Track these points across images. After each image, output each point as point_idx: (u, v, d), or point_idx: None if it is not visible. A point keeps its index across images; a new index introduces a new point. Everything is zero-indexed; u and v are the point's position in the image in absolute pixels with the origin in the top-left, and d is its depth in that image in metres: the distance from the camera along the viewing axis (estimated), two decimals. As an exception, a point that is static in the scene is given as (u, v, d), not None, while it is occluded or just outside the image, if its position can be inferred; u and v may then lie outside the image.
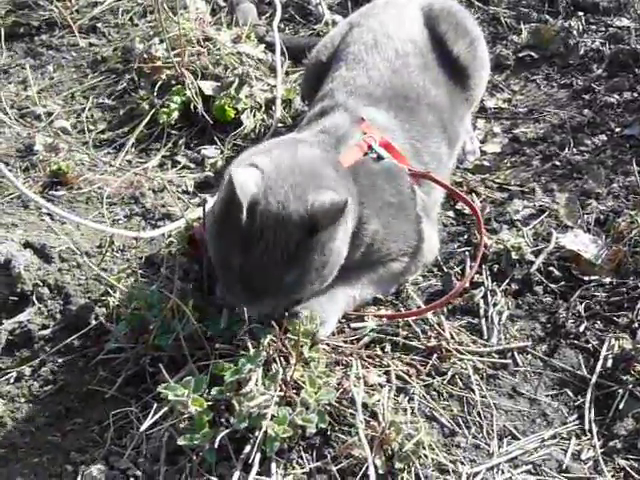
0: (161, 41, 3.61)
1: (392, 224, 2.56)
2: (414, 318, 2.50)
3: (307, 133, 2.64)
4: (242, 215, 2.19)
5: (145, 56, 3.63)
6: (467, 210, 2.88)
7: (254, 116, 3.40)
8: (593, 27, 3.69)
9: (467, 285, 2.61)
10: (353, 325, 2.46)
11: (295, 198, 2.23)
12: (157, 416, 2.11)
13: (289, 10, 4.14)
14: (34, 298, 2.55)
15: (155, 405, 2.15)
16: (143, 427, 2.12)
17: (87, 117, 3.52)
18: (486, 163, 3.15)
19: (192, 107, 3.37)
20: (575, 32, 3.63)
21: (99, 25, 4.05)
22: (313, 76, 3.16)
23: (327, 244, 2.26)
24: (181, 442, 2.06)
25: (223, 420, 2.11)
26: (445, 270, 2.70)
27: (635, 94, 3.34)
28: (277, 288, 2.24)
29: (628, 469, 2.21)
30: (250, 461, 2.04)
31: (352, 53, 2.98)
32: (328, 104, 2.75)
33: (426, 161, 2.74)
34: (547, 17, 3.75)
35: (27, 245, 2.66)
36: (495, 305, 2.56)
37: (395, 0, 3.23)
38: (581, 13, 3.73)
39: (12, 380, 2.39)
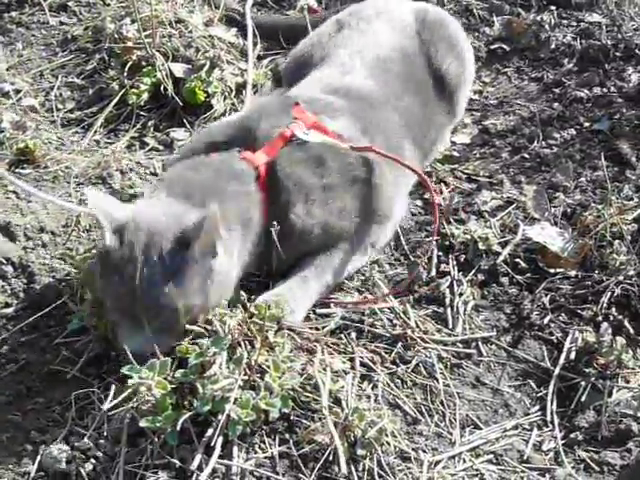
0: (132, 21, 3.57)
1: (330, 204, 2.54)
2: (379, 306, 2.51)
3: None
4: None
5: (116, 36, 3.59)
6: (436, 199, 2.88)
7: (224, 100, 3.39)
8: (565, 22, 3.71)
9: (433, 274, 2.63)
10: (319, 311, 2.46)
11: (168, 217, 2.23)
12: (120, 398, 2.09)
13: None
14: (-3, 276, 2.53)
15: (118, 386, 2.14)
16: (105, 406, 2.10)
17: (56, 96, 3.48)
18: (455, 154, 3.16)
19: (162, 89, 3.35)
20: (547, 26, 3.64)
21: (70, 4, 4.00)
22: (295, 70, 3.19)
23: (205, 258, 2.22)
24: (143, 424, 2.04)
25: (186, 403, 2.09)
26: (412, 259, 2.70)
27: (604, 89, 3.36)
28: (158, 308, 2.16)
29: (588, 461, 2.23)
30: (212, 444, 2.02)
31: (335, 55, 3.02)
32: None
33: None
34: (519, 10, 3.76)
35: (-8, 222, 2.63)
36: (461, 295, 2.57)
37: (387, 2, 3.25)
38: (553, 7, 3.74)
39: (-27, 358, 2.38)
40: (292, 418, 2.13)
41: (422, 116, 2.96)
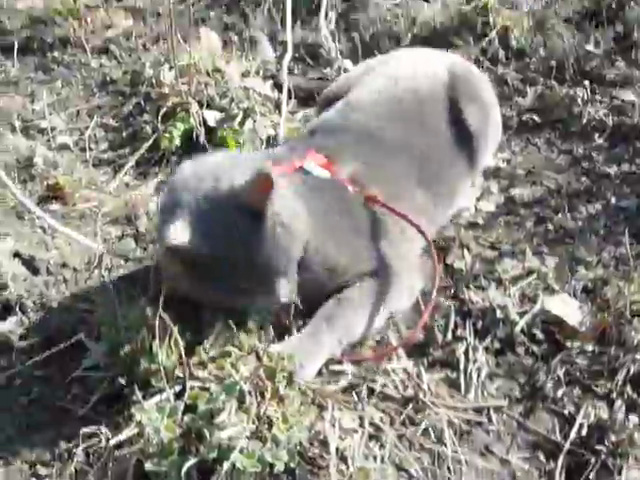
0: (170, 68, 3.64)
1: (339, 239, 2.58)
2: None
3: None
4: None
5: (153, 81, 3.66)
6: (456, 264, 2.88)
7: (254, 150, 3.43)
8: (598, 97, 3.72)
9: (449, 338, 2.62)
10: (331, 367, 2.46)
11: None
12: (126, 436, 2.10)
13: (300, 50, 4.17)
14: (17, 308, 2.55)
15: (126, 426, 2.14)
16: (112, 442, 2.11)
17: (90, 135, 3.55)
18: (480, 221, 3.16)
19: (195, 136, 3.39)
20: (579, 100, 3.65)
21: (112, 47, 4.11)
22: (324, 107, 3.24)
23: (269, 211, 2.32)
24: (148, 467, 2.05)
25: (193, 448, 2.09)
26: (429, 322, 2.70)
27: (633, 167, 3.37)
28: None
29: (594, 539, 2.20)
30: (216, 492, 2.03)
31: (355, 95, 3.08)
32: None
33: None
34: (553, 83, 3.78)
35: (16, 255, 2.67)
36: (475, 362, 2.56)
37: (417, 50, 3.31)
38: (587, 82, 3.75)
39: (-14, 388, 2.39)
40: (297, 472, 2.12)
41: (438, 162, 2.98)
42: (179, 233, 2.24)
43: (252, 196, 2.29)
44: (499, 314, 2.67)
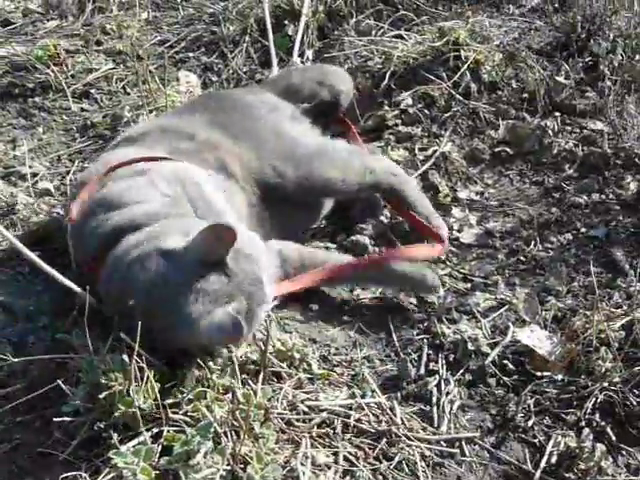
0: (150, 111, 3.72)
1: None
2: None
3: None
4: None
5: (132, 124, 3.73)
6: (429, 298, 2.96)
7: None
8: (568, 128, 3.78)
9: (422, 372, 2.69)
10: (307, 403, 2.51)
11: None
12: (105, 480, 2.15)
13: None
14: (-4, 355, 2.60)
15: (105, 470, 2.19)
16: (89, 489, 2.16)
17: (71, 180, 3.60)
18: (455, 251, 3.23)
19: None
20: (550, 131, 3.72)
21: (92, 91, 4.18)
22: None
23: None
24: (126, 510, 2.10)
25: (170, 490, 2.15)
26: (402, 356, 2.75)
27: (603, 196, 3.43)
28: None
29: None
30: (192, 533, 2.07)
31: None
32: None
33: None
34: (525, 115, 3.85)
35: (-5, 302, 2.73)
36: (448, 394, 2.62)
37: None
38: (557, 113, 3.82)
39: (-32, 436, 2.44)
40: (272, 510, 2.17)
41: None
42: None
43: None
44: (470, 346, 2.73)
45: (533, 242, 3.24)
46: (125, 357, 2.36)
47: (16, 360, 2.58)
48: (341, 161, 3.16)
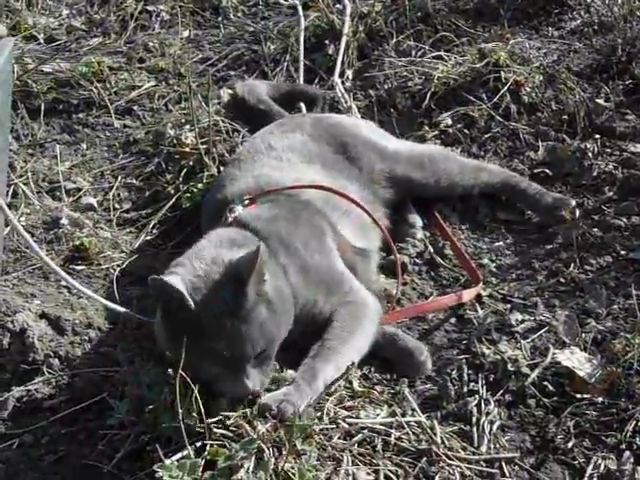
0: (191, 129, 3.76)
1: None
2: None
3: None
4: (188, 304, 2.37)
5: (175, 141, 3.78)
6: (469, 316, 2.97)
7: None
8: (608, 150, 3.77)
9: (462, 392, 2.70)
10: (348, 420, 2.52)
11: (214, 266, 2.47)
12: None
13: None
14: (44, 368, 2.65)
15: (149, 483, 2.22)
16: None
17: (114, 196, 3.65)
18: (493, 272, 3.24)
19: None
20: (590, 154, 3.71)
21: (135, 108, 4.21)
22: None
23: (261, 287, 2.45)
24: (170, 523, 2.12)
25: (213, 504, 2.17)
26: (442, 375, 2.77)
27: (643, 219, 3.43)
28: (249, 343, 2.41)
29: None
30: None
31: None
32: None
33: None
34: (564, 137, 3.85)
35: (43, 316, 2.77)
36: (488, 414, 2.62)
37: None
38: (597, 136, 3.82)
39: (14, 446, 2.48)
40: (314, 526, 2.19)
41: None
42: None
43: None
44: (510, 367, 2.74)
45: (573, 264, 3.24)
46: (170, 371, 2.39)
47: (62, 373, 2.62)
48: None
